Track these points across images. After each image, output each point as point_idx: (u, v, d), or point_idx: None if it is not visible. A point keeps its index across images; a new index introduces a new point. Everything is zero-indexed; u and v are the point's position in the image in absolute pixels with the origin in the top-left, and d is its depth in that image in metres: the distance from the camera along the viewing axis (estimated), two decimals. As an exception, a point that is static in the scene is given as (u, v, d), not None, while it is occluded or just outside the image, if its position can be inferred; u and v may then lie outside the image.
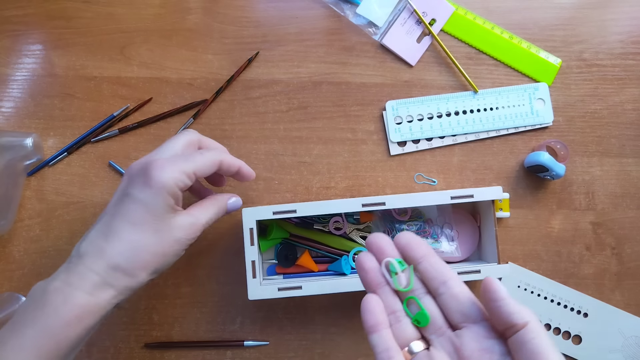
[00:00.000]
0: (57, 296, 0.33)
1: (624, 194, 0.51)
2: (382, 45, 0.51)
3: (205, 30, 0.51)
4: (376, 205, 0.43)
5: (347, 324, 0.50)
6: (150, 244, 0.35)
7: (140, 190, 0.35)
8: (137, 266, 0.35)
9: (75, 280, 0.33)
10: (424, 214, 0.49)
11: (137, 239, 0.34)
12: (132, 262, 0.34)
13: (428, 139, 0.51)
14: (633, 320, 0.50)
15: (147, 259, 0.35)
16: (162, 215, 0.35)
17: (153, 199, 0.34)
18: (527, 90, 0.51)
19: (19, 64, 0.51)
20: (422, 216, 0.49)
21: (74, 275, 0.33)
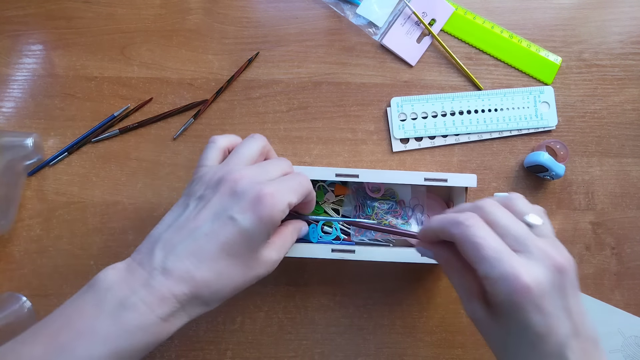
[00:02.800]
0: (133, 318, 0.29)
1: (624, 193, 0.51)
2: (382, 45, 0.52)
3: (206, 31, 0.51)
4: (349, 176, 0.44)
5: (347, 323, 0.50)
6: (236, 278, 0.32)
7: (250, 220, 0.31)
8: (218, 298, 0.32)
9: (155, 303, 0.30)
10: (397, 194, 0.50)
11: (228, 272, 0.32)
12: (215, 295, 0.32)
13: (431, 137, 0.51)
14: (633, 320, 0.50)
15: (228, 291, 0.32)
16: (257, 249, 0.33)
17: (258, 232, 0.32)
18: (532, 93, 0.51)
19: (20, 64, 0.51)
20: (395, 196, 0.49)
21: (155, 297, 0.30)
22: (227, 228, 0.31)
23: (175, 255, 0.31)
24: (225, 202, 0.32)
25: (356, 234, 0.48)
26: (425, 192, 0.50)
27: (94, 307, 0.30)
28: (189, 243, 0.31)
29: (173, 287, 0.30)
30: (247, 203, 0.31)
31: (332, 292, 0.50)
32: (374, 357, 0.49)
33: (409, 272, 0.50)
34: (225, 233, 0.31)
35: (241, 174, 0.33)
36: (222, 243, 0.31)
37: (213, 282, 0.31)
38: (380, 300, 0.50)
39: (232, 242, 0.31)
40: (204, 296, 0.31)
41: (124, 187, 0.50)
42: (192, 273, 0.30)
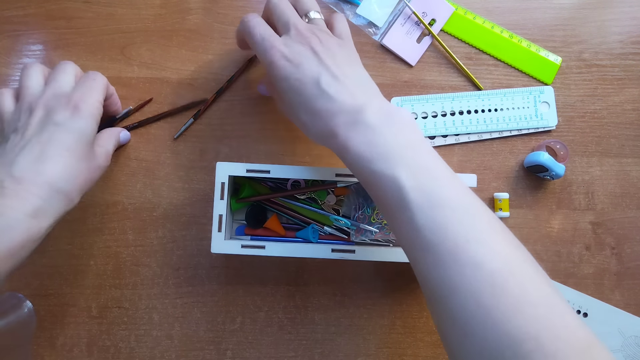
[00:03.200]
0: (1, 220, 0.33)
1: (624, 193, 0.51)
2: (382, 45, 0.52)
3: (206, 31, 0.51)
4: (349, 176, 0.43)
5: (347, 323, 0.50)
6: (83, 169, 0.38)
7: (73, 120, 0.38)
8: (75, 188, 0.38)
9: (17, 204, 0.34)
10: None
11: (74, 164, 0.37)
12: (72, 185, 0.37)
13: (431, 137, 0.51)
14: (633, 320, 0.50)
15: (81, 182, 0.38)
16: (90, 143, 0.39)
17: (85, 128, 0.39)
18: (532, 93, 0.51)
19: (20, 64, 0.51)
20: None
21: (15, 199, 0.34)
22: (56, 132, 0.37)
23: (20, 165, 0.35)
24: (43, 115, 0.38)
25: (356, 235, 0.48)
26: None
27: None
28: (28, 154, 0.36)
29: (31, 187, 0.35)
30: (63, 108, 0.38)
31: (332, 292, 0.50)
32: (374, 357, 0.49)
33: (409, 272, 0.50)
34: (57, 135, 0.37)
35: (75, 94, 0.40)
36: (57, 143, 0.37)
37: (65, 174, 0.37)
38: (380, 300, 0.50)
39: (66, 140, 0.37)
40: (63, 187, 0.36)
41: (123, 187, 0.50)
42: (43, 171, 0.36)
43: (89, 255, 0.49)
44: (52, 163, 0.36)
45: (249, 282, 0.50)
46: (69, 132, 0.38)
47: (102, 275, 0.49)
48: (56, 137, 0.37)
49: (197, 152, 0.50)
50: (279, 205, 0.48)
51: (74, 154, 0.38)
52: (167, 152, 0.50)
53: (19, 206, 0.34)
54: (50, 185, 0.35)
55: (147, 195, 0.50)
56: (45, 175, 0.35)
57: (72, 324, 0.49)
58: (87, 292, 0.49)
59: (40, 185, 0.35)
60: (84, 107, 0.39)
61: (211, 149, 0.50)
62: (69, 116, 0.38)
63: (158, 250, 0.49)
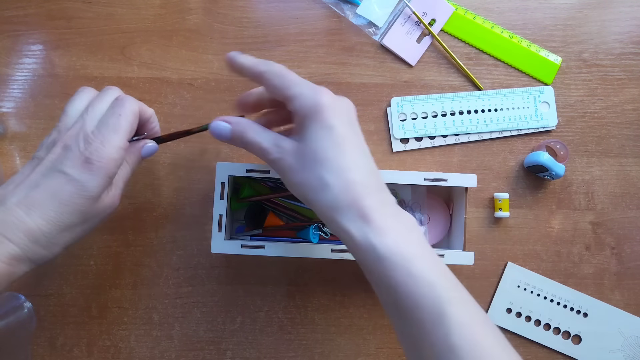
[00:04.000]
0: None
1: (624, 194, 0.51)
2: (382, 45, 0.52)
3: (206, 31, 0.51)
4: None
5: (347, 323, 0.50)
6: (75, 224, 0.34)
7: (78, 172, 0.33)
8: (57, 242, 0.34)
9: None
10: (398, 194, 0.50)
11: (63, 219, 0.33)
12: (53, 239, 0.34)
13: (431, 137, 0.51)
14: (633, 320, 0.50)
15: (67, 236, 0.34)
16: (96, 198, 0.34)
17: (91, 183, 0.33)
18: (532, 93, 0.51)
19: (20, 64, 0.51)
20: (397, 196, 0.49)
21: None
22: (55, 179, 0.33)
23: (5, 207, 0.33)
24: (56, 157, 0.34)
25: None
26: (425, 192, 0.50)
27: None
28: (19, 196, 0.33)
29: (11, 235, 0.32)
30: (73, 154, 0.34)
31: (332, 292, 0.50)
32: (373, 357, 0.49)
33: (409, 272, 0.50)
34: (54, 183, 0.33)
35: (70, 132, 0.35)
36: (53, 192, 0.33)
37: (50, 229, 0.33)
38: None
39: (63, 193, 0.33)
40: (42, 242, 0.33)
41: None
42: (25, 222, 0.33)
43: (89, 255, 0.49)
44: (39, 213, 0.33)
45: (249, 282, 0.50)
46: (70, 184, 0.33)
47: (102, 276, 0.49)
48: (56, 185, 0.33)
49: (197, 152, 0.50)
50: (278, 205, 0.48)
51: (68, 208, 0.33)
52: (168, 152, 0.50)
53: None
54: (30, 236, 0.33)
55: (147, 195, 0.50)
56: (27, 228, 0.32)
57: (72, 324, 0.49)
58: (87, 292, 0.49)
59: (19, 234, 0.32)
60: (95, 160, 0.33)
61: (211, 149, 0.50)
62: (78, 168, 0.33)
63: (158, 250, 0.49)
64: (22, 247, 0.33)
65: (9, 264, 0.32)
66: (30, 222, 0.33)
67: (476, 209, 0.51)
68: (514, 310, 0.50)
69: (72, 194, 0.33)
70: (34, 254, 0.33)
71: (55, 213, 0.33)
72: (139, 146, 0.39)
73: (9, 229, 0.32)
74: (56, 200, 0.33)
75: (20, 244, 0.32)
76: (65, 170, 0.33)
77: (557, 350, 0.49)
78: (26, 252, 0.33)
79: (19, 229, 0.32)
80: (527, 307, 0.50)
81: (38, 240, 0.33)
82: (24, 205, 0.33)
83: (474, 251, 0.44)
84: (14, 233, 0.32)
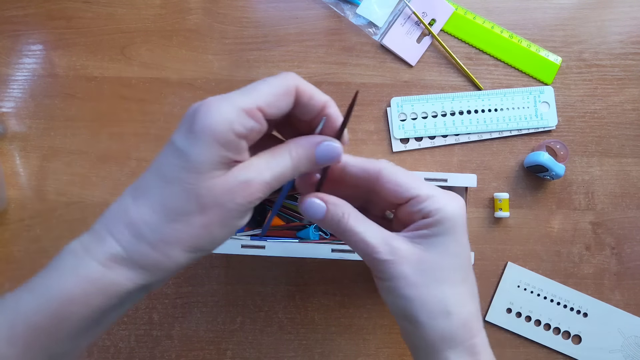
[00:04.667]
0: (67, 262, 0.25)
1: (624, 193, 0.51)
2: (382, 45, 0.52)
3: (206, 31, 0.51)
4: None
5: (347, 323, 0.50)
6: (186, 211, 0.25)
7: (182, 137, 0.25)
8: (167, 239, 0.25)
9: (93, 246, 0.25)
10: None
11: (169, 202, 0.25)
12: (160, 233, 0.25)
13: (431, 137, 0.51)
14: (633, 320, 0.50)
15: (180, 230, 0.25)
16: (204, 172, 0.24)
17: (193, 150, 0.24)
18: (532, 93, 0.51)
19: (20, 64, 0.51)
20: None
21: (94, 240, 0.25)
22: (164, 152, 0.26)
23: (120, 196, 0.27)
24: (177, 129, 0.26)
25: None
26: None
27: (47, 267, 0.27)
28: (137, 181, 0.26)
29: (111, 226, 0.25)
30: (185, 120, 0.25)
31: (332, 292, 0.50)
32: (373, 357, 0.49)
33: (409, 272, 0.50)
34: (161, 158, 0.25)
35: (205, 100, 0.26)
36: (156, 168, 0.26)
37: (152, 215, 0.25)
38: (380, 300, 0.50)
39: (166, 165, 0.25)
40: (146, 235, 0.25)
41: (124, 187, 0.49)
42: (128, 207, 0.25)
43: (89, 255, 0.49)
44: (143, 198, 0.25)
45: (249, 282, 0.50)
46: (174, 154, 0.25)
47: (102, 275, 0.49)
48: (161, 159, 0.25)
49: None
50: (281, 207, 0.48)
51: (173, 187, 0.25)
52: (167, 152, 0.50)
53: (94, 249, 0.25)
54: (131, 230, 0.25)
55: (147, 195, 0.50)
56: (128, 215, 0.25)
57: (72, 324, 0.49)
58: (87, 292, 0.49)
59: (121, 227, 0.25)
60: (201, 119, 0.24)
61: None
62: (183, 133, 0.25)
63: (158, 250, 0.49)
64: (124, 244, 0.25)
65: (107, 266, 0.24)
66: (133, 210, 0.25)
67: (476, 209, 0.51)
68: (514, 310, 0.50)
69: (175, 166, 0.25)
70: (140, 255, 0.25)
71: (158, 195, 0.25)
72: (314, 140, 0.28)
73: (113, 222, 0.25)
74: (159, 178, 0.25)
75: (122, 239, 0.25)
76: (174, 139, 0.25)
77: (557, 350, 0.49)
78: (129, 251, 0.25)
79: (123, 220, 0.25)
80: (527, 307, 0.50)
81: (143, 235, 0.25)
82: (133, 189, 0.26)
83: (474, 251, 0.44)
84: (116, 226, 0.25)
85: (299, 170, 0.28)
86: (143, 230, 0.25)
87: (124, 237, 0.25)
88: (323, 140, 0.28)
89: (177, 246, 0.25)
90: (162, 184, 0.25)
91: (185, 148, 0.24)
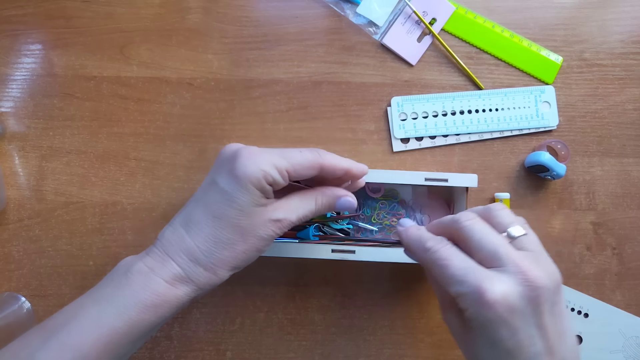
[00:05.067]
0: (138, 279, 0.32)
1: (625, 194, 0.51)
2: (383, 44, 0.51)
3: (205, 30, 0.51)
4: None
5: (347, 324, 0.49)
6: (232, 241, 0.33)
7: (226, 179, 0.32)
8: (216, 262, 0.33)
9: (157, 267, 0.32)
10: (398, 194, 0.49)
11: (218, 234, 0.32)
12: (212, 258, 0.32)
13: (432, 137, 0.51)
14: (634, 320, 0.49)
15: (227, 255, 0.33)
16: (246, 209, 0.32)
17: (237, 192, 0.32)
18: (533, 93, 0.51)
19: (18, 63, 0.50)
20: (397, 197, 0.49)
21: (157, 262, 0.33)
22: (210, 191, 0.33)
23: (172, 227, 0.34)
24: (214, 169, 0.34)
25: (356, 235, 0.47)
26: (426, 192, 0.49)
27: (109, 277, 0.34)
28: (184, 214, 0.34)
29: (172, 253, 0.33)
30: (226, 163, 0.33)
31: (333, 293, 0.50)
32: (374, 358, 0.49)
33: (410, 273, 0.50)
34: (209, 195, 0.33)
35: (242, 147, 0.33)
36: (206, 205, 0.33)
37: (205, 244, 0.32)
38: (380, 300, 0.50)
39: (214, 204, 0.32)
40: (201, 260, 0.32)
41: (123, 187, 0.50)
42: (184, 238, 0.33)
43: (88, 255, 0.49)
44: (195, 231, 0.33)
45: (249, 283, 0.49)
46: (219, 194, 0.32)
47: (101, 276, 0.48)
48: (210, 198, 0.33)
49: (197, 152, 0.50)
50: None
51: (221, 222, 0.32)
52: (167, 152, 0.50)
53: (159, 270, 0.32)
54: (189, 256, 0.32)
55: (147, 196, 0.50)
56: (185, 244, 0.33)
57: (71, 325, 0.48)
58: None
59: (180, 254, 0.33)
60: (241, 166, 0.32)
61: (211, 149, 0.50)
62: (226, 177, 0.32)
63: (157, 251, 0.49)
64: (184, 266, 0.32)
65: (172, 284, 0.32)
66: (188, 239, 0.33)
67: (477, 209, 0.50)
68: (515, 310, 0.49)
69: (222, 204, 0.32)
70: (196, 275, 0.33)
71: (209, 228, 0.32)
72: (337, 193, 0.36)
73: (172, 248, 0.33)
74: (210, 214, 0.33)
75: (181, 263, 0.32)
76: (216, 180, 0.33)
77: (558, 350, 0.49)
78: (188, 272, 0.32)
79: (180, 247, 0.33)
80: (527, 308, 0.49)
81: (198, 260, 0.32)
82: (184, 223, 0.33)
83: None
84: (175, 252, 0.33)
85: (319, 213, 0.36)
86: (198, 256, 0.32)
87: (183, 261, 0.32)
88: (345, 195, 0.36)
89: (224, 267, 0.33)
90: (211, 219, 0.32)
91: (231, 190, 0.32)
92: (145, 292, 0.31)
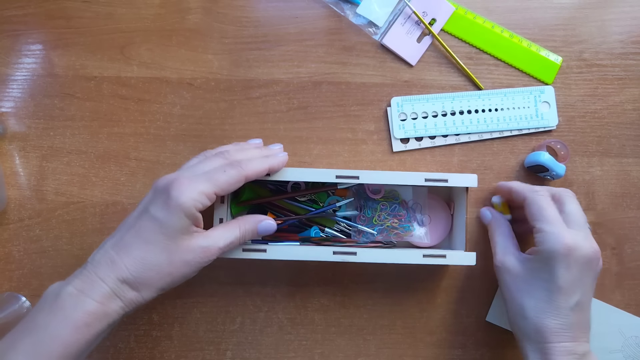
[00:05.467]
0: (69, 302, 0.34)
1: (624, 194, 0.51)
2: (382, 45, 0.51)
3: (205, 30, 0.51)
4: (350, 178, 0.43)
5: (347, 324, 0.50)
6: (159, 264, 0.36)
7: (159, 209, 0.36)
8: (143, 282, 0.36)
9: (87, 288, 0.35)
10: (399, 194, 0.49)
11: (147, 257, 0.36)
12: (139, 279, 0.35)
13: (431, 137, 0.51)
14: (633, 320, 0.50)
15: (154, 277, 0.36)
16: (175, 236, 0.36)
17: (168, 220, 0.35)
18: (532, 93, 0.51)
19: (19, 63, 0.51)
20: (398, 197, 0.49)
21: (87, 284, 0.35)
22: (141, 219, 0.36)
23: (102, 250, 0.37)
24: (148, 198, 0.38)
25: (357, 237, 0.47)
26: (426, 192, 0.49)
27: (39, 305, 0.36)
28: (115, 239, 0.37)
29: (102, 274, 0.35)
30: (160, 194, 0.36)
31: (332, 293, 0.50)
32: (374, 358, 0.49)
33: (410, 273, 0.50)
34: (140, 222, 0.36)
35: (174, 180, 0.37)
36: (137, 231, 0.36)
37: (134, 266, 0.35)
38: (380, 300, 0.50)
39: (145, 230, 0.36)
40: (129, 280, 0.35)
41: (123, 187, 0.50)
42: (114, 260, 0.35)
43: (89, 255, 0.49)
44: (125, 254, 0.36)
45: (249, 283, 0.49)
46: (151, 221, 0.36)
47: (101, 276, 0.49)
48: (142, 224, 0.36)
49: (197, 152, 0.50)
50: (279, 208, 0.48)
51: (151, 247, 0.36)
52: (167, 152, 0.50)
53: (89, 291, 0.34)
54: (118, 276, 0.35)
55: (147, 196, 0.50)
56: (115, 266, 0.35)
57: (72, 325, 0.48)
58: (86, 292, 0.49)
59: (110, 274, 0.35)
60: (173, 197, 0.35)
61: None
62: (159, 206, 0.36)
63: (158, 251, 0.49)
64: (112, 286, 0.35)
65: (102, 303, 0.34)
66: (119, 261, 0.35)
67: (477, 209, 0.51)
68: (515, 310, 0.50)
69: (153, 231, 0.36)
70: (124, 294, 0.35)
71: (139, 251, 0.36)
72: (257, 219, 0.41)
73: (102, 270, 0.35)
74: (140, 239, 0.36)
75: (110, 283, 0.35)
76: (149, 209, 0.36)
77: (557, 350, 0.49)
78: (116, 291, 0.35)
79: (110, 268, 0.35)
80: (527, 308, 0.49)
81: (126, 280, 0.35)
82: (116, 247, 0.36)
83: (475, 251, 0.44)
84: (105, 273, 0.35)
85: (244, 239, 0.40)
86: (127, 276, 0.35)
87: (112, 281, 0.35)
88: (264, 219, 0.41)
89: (149, 288, 0.36)
90: (142, 243, 0.36)
91: (163, 219, 0.35)
92: (76, 312, 0.34)
